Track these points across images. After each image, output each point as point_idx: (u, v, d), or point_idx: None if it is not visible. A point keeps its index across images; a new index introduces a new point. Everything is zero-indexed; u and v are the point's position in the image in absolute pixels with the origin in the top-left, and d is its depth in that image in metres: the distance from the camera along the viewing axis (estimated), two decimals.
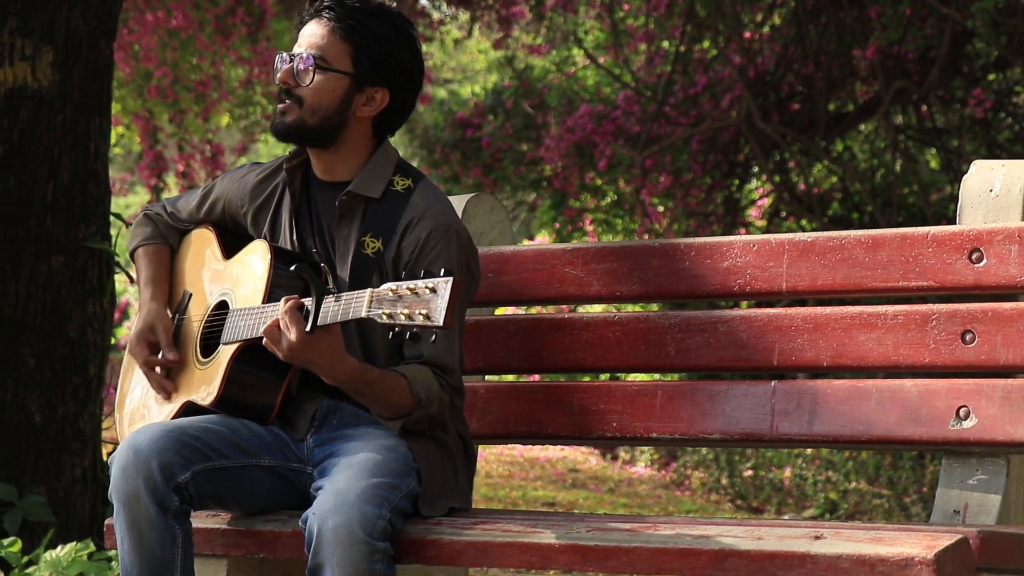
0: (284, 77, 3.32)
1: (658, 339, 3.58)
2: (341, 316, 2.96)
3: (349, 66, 3.31)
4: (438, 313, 2.80)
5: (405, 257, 3.27)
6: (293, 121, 3.31)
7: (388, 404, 3.19)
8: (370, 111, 3.35)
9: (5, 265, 4.80)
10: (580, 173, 12.52)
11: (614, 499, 9.62)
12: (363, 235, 3.29)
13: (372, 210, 3.32)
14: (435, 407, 3.22)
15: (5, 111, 4.79)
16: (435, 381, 3.22)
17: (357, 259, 3.28)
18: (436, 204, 3.33)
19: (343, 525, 2.95)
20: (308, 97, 3.30)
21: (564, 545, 2.98)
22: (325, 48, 3.31)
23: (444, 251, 3.25)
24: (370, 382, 3.15)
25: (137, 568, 3.10)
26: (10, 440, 4.81)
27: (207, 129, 13.17)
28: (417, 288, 2.83)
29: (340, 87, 3.31)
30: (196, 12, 11.66)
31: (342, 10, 3.32)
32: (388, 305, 2.86)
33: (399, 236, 3.28)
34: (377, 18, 3.33)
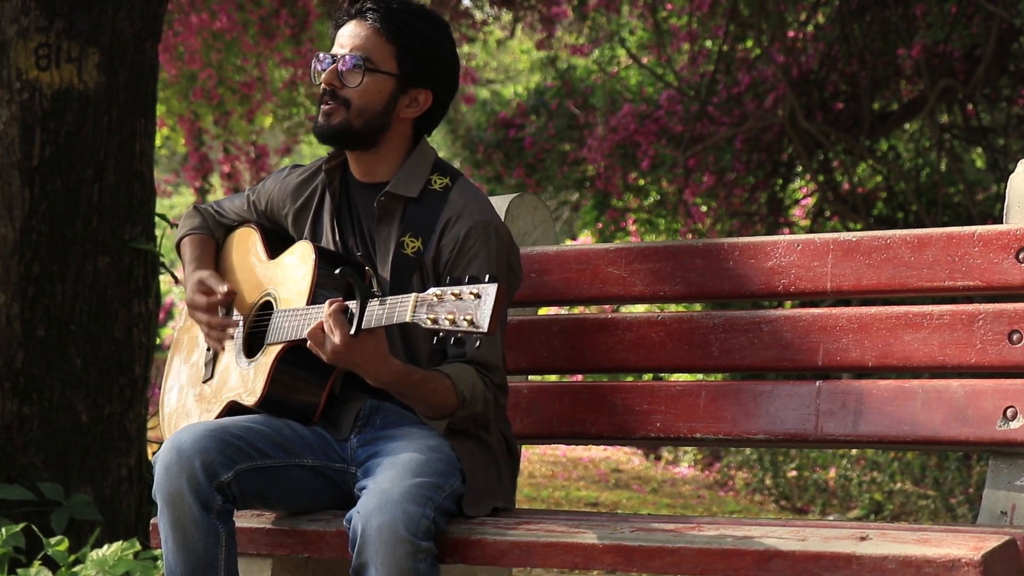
0: (330, 79, 3.31)
1: (702, 339, 3.57)
2: (385, 320, 2.95)
3: (395, 67, 3.31)
4: (483, 319, 2.79)
5: (444, 256, 3.26)
6: (339, 123, 3.31)
7: (433, 405, 3.19)
8: (413, 112, 3.35)
9: (52, 266, 4.83)
10: (623, 173, 12.51)
11: (657, 499, 9.60)
12: (402, 235, 3.29)
13: (411, 210, 3.32)
14: (480, 405, 3.22)
15: (51, 113, 4.82)
16: (479, 379, 3.22)
17: (397, 259, 3.28)
18: (474, 202, 3.32)
19: (387, 524, 2.95)
20: (355, 99, 3.30)
21: (608, 545, 2.98)
22: (371, 49, 3.30)
23: (483, 248, 3.25)
24: (414, 383, 3.15)
25: (181, 567, 3.11)
26: (57, 440, 4.84)
27: (251, 131, 13.21)
28: (462, 293, 2.83)
29: (386, 88, 3.31)
30: (240, 14, 11.71)
31: (386, 11, 3.31)
32: (432, 310, 2.86)
33: (438, 235, 3.28)
34: (420, 20, 3.33)
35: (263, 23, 11.78)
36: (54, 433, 4.84)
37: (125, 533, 4.91)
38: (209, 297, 3.41)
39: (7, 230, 4.78)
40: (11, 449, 4.79)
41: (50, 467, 4.83)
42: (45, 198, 4.82)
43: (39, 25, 4.79)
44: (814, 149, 11.33)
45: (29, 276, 4.80)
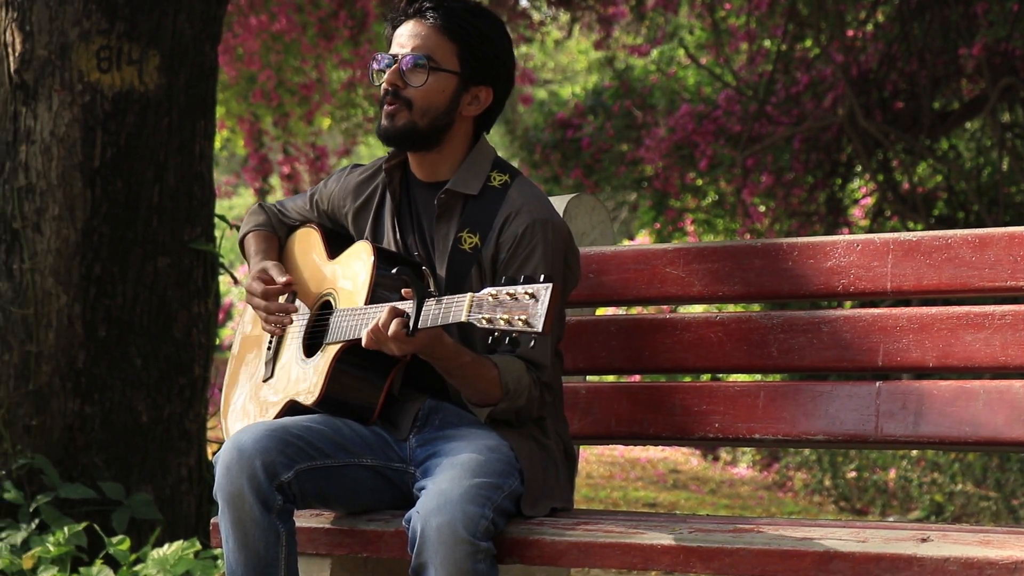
0: (392, 79, 3.31)
1: (760, 339, 3.56)
2: (441, 320, 2.96)
3: (456, 65, 3.31)
4: (537, 319, 2.79)
5: (503, 253, 3.26)
6: (404, 124, 3.31)
7: (477, 389, 3.19)
8: (475, 110, 3.35)
9: (113, 267, 4.86)
10: (681, 173, 12.48)
11: (715, 500, 9.57)
12: (460, 231, 3.29)
13: (470, 207, 3.32)
14: (523, 400, 3.21)
15: (112, 115, 4.86)
16: (527, 375, 3.22)
17: (454, 255, 3.28)
18: (533, 200, 3.32)
19: (446, 525, 2.95)
20: (418, 98, 3.29)
21: (667, 546, 2.97)
22: (433, 48, 3.30)
23: (541, 245, 3.25)
24: (463, 364, 3.15)
25: (242, 567, 3.12)
26: (118, 440, 4.87)
27: (310, 132, 13.26)
28: (517, 293, 2.83)
29: (449, 87, 3.31)
30: (299, 15, 11.75)
31: (446, 9, 3.30)
32: (487, 310, 2.86)
33: (496, 232, 3.28)
34: (479, 17, 3.33)
35: (322, 24, 11.83)
36: (115, 433, 4.87)
37: (185, 532, 4.94)
38: (267, 285, 3.42)
39: (69, 231, 4.82)
40: (73, 449, 4.83)
41: (111, 467, 4.86)
42: (106, 199, 4.85)
43: (100, 28, 4.83)
44: (873, 149, 11.26)
45: (90, 277, 4.84)
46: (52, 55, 4.82)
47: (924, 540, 2.81)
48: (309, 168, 13.20)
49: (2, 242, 4.82)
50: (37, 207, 4.81)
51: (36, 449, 4.78)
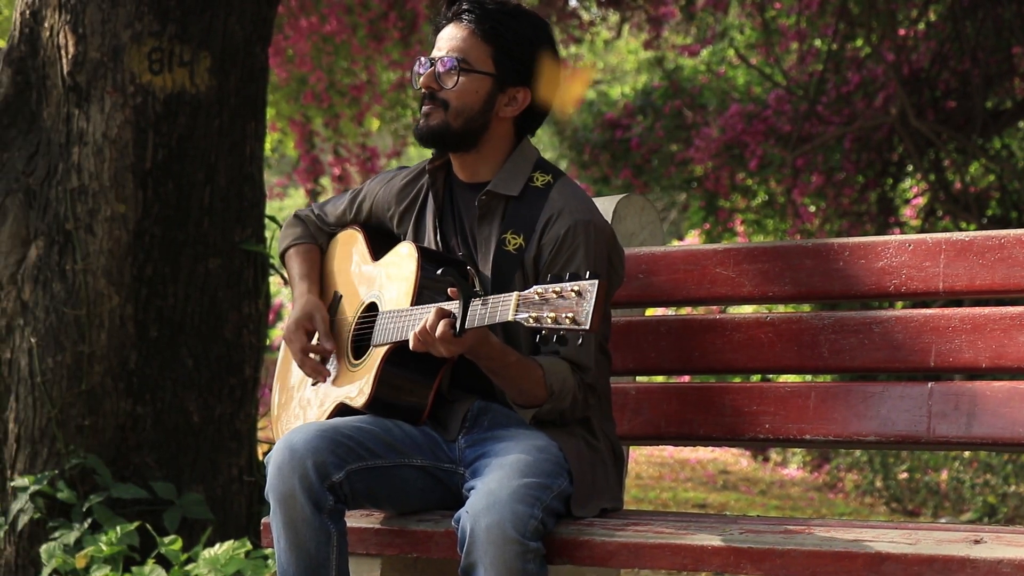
0: (427, 81, 3.33)
1: (811, 340, 3.54)
2: (488, 320, 2.96)
3: (491, 67, 3.32)
4: (584, 316, 2.79)
5: (545, 254, 3.26)
6: (438, 124, 3.33)
7: (521, 390, 3.19)
8: (512, 111, 3.36)
9: (164, 268, 4.89)
10: (730, 173, 12.45)
11: (766, 501, 9.54)
12: (504, 232, 3.30)
13: (512, 208, 3.33)
14: (567, 402, 3.22)
15: (164, 116, 4.88)
16: (571, 376, 3.22)
17: (499, 256, 3.28)
18: (575, 200, 3.32)
19: (496, 524, 2.95)
20: (452, 100, 3.31)
21: (717, 547, 2.96)
22: (467, 50, 3.31)
23: (583, 246, 3.24)
24: (508, 364, 3.15)
25: (293, 566, 3.13)
26: (169, 439, 4.90)
27: (360, 133, 13.30)
28: (563, 291, 2.83)
29: (483, 88, 3.32)
30: (349, 17, 11.79)
31: (481, 12, 3.32)
32: (534, 308, 2.86)
33: (539, 233, 3.28)
34: (516, 19, 3.33)
35: (372, 26, 11.86)
36: (167, 433, 4.90)
37: (236, 532, 4.96)
38: (308, 342, 3.44)
39: (121, 232, 4.84)
40: (125, 448, 4.86)
41: (163, 466, 4.88)
42: (158, 201, 4.88)
43: (152, 30, 4.86)
44: (925, 148, 11.20)
45: (142, 278, 4.87)
46: (104, 57, 4.85)
47: (977, 542, 2.79)
48: (360, 169, 13.23)
49: (55, 243, 4.86)
50: (89, 208, 4.85)
51: (89, 449, 4.81)
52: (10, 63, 5.00)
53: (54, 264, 4.85)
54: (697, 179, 13.13)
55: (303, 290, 3.55)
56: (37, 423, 4.84)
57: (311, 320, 3.47)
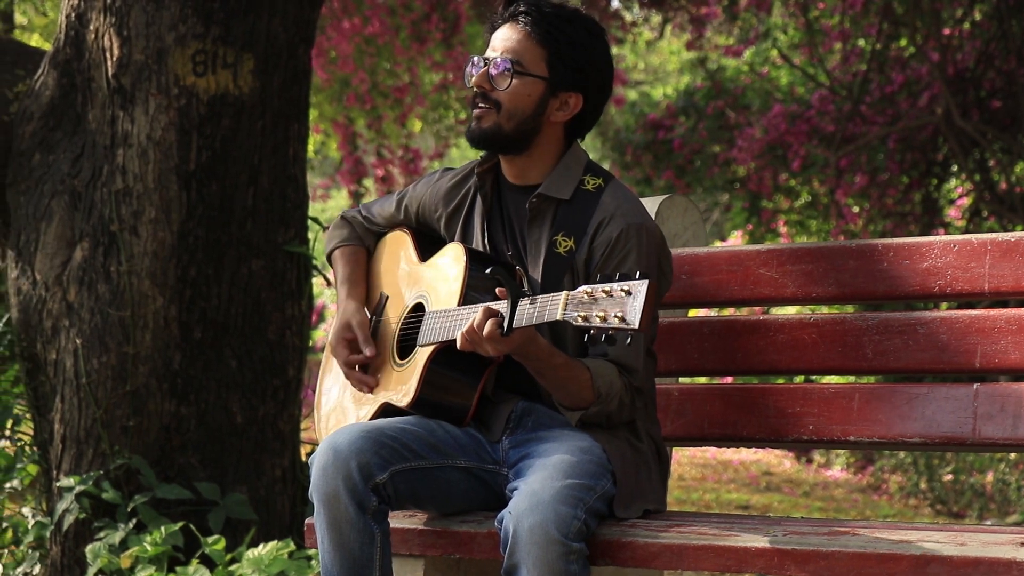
0: (480, 81, 3.33)
1: (855, 341, 3.53)
2: (536, 319, 2.96)
3: (545, 71, 3.31)
4: (633, 315, 2.78)
5: (596, 257, 3.26)
6: (490, 126, 3.32)
7: (568, 392, 3.19)
8: (564, 116, 3.35)
9: (208, 269, 4.90)
10: (773, 174, 12.41)
11: (809, 503, 9.50)
12: (555, 234, 3.29)
13: (563, 210, 3.32)
14: (614, 405, 3.21)
15: (208, 118, 4.90)
16: (619, 379, 3.21)
17: (549, 258, 3.28)
18: (627, 203, 3.32)
19: (539, 525, 2.95)
20: (505, 101, 3.31)
21: (761, 548, 2.95)
22: (521, 52, 3.31)
23: (635, 249, 3.24)
24: (555, 366, 3.15)
25: (337, 567, 3.14)
26: (213, 440, 4.91)
27: (403, 134, 13.32)
28: (612, 290, 2.82)
29: (536, 91, 3.31)
30: (392, 18, 11.81)
31: (538, 15, 3.31)
32: (583, 308, 2.86)
33: (590, 236, 3.28)
34: (572, 23, 3.32)
35: (414, 27, 11.88)
36: (210, 433, 4.91)
37: (279, 533, 4.97)
38: (351, 354, 3.46)
39: (165, 234, 4.86)
40: (169, 449, 4.88)
41: (207, 467, 4.90)
42: (201, 202, 4.90)
43: (196, 32, 4.87)
44: (970, 148, 11.14)
45: (186, 279, 4.89)
46: (149, 59, 4.87)
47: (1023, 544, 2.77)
48: (403, 171, 13.26)
49: (100, 245, 4.88)
50: (134, 210, 4.87)
51: (133, 450, 4.83)
52: (56, 66, 5.03)
53: (99, 265, 4.88)
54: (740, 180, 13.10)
55: (344, 295, 3.56)
56: (82, 424, 4.86)
57: (350, 329, 3.48)
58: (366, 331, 3.47)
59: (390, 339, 3.46)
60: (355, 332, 3.47)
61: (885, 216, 11.90)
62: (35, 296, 4.96)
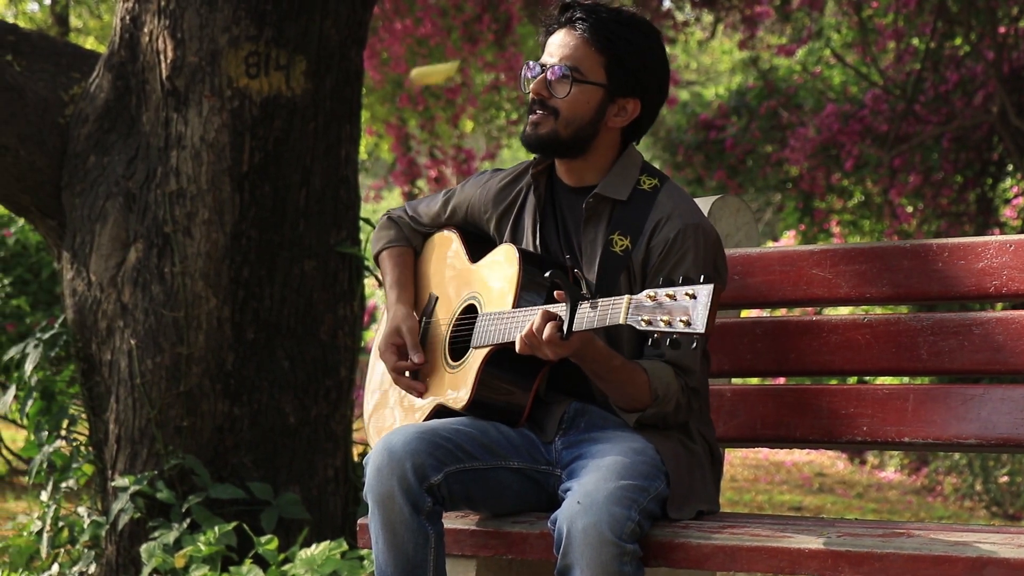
0: (538, 88, 3.31)
1: (909, 342, 3.51)
2: (598, 323, 2.95)
3: (603, 77, 3.29)
4: (699, 320, 2.77)
5: (653, 258, 3.25)
6: (547, 133, 3.31)
7: (625, 394, 3.18)
8: (621, 121, 3.34)
9: (260, 270, 4.92)
10: (826, 174, 12.35)
11: (863, 504, 9.45)
12: (611, 233, 3.28)
13: (619, 211, 3.32)
14: (671, 407, 3.20)
15: (260, 120, 4.92)
16: (675, 381, 3.20)
17: (605, 257, 3.27)
18: (683, 204, 3.31)
19: (592, 526, 2.95)
20: (563, 109, 3.29)
21: (815, 550, 2.94)
22: (579, 59, 3.29)
23: (692, 250, 3.23)
24: (613, 368, 3.15)
25: (391, 567, 3.14)
26: (266, 440, 4.93)
27: (455, 135, 13.34)
28: (676, 294, 2.81)
29: (595, 99, 3.30)
30: (444, 19, 11.83)
31: (595, 20, 3.29)
32: (647, 312, 2.84)
33: (647, 237, 3.27)
34: (630, 28, 3.30)
35: (466, 28, 11.89)
36: (263, 434, 4.93)
37: (332, 533, 4.99)
38: (400, 360, 3.46)
39: (218, 235, 4.89)
40: (222, 449, 4.90)
41: (260, 467, 4.92)
42: (254, 203, 4.92)
43: (249, 34, 4.89)
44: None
45: (239, 280, 4.91)
46: (202, 62, 4.90)
47: None
48: (455, 171, 13.27)
49: (154, 246, 4.91)
50: (187, 211, 4.89)
51: (187, 450, 4.86)
52: (111, 68, 5.06)
53: (153, 267, 4.90)
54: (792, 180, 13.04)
55: (392, 299, 3.56)
56: (137, 424, 4.89)
57: (399, 334, 3.48)
58: (415, 337, 3.47)
59: (441, 341, 3.46)
60: (404, 338, 3.47)
61: (939, 216, 11.82)
62: (90, 297, 5.00)
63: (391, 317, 3.53)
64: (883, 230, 12.36)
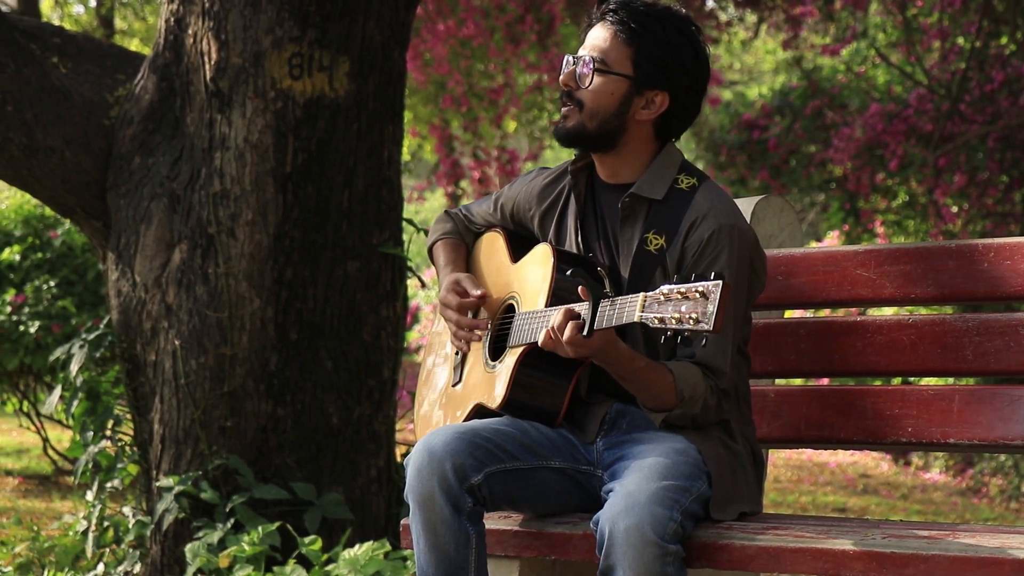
0: (566, 80, 3.33)
1: (955, 342, 3.49)
2: (615, 320, 2.96)
3: (629, 69, 3.30)
4: (708, 318, 2.78)
5: (688, 257, 3.24)
6: (574, 125, 3.32)
7: (651, 395, 3.18)
8: (649, 114, 3.34)
9: (304, 270, 4.94)
10: (870, 174, 12.30)
11: (907, 506, 9.41)
12: (646, 232, 3.28)
13: (655, 210, 3.31)
14: (698, 408, 3.19)
15: (304, 121, 4.93)
16: (703, 382, 3.19)
17: (639, 256, 3.27)
18: (720, 203, 3.30)
19: (634, 527, 2.95)
20: (587, 100, 3.30)
21: (859, 552, 2.93)
22: (607, 51, 3.30)
23: (726, 250, 3.22)
24: (636, 370, 3.14)
25: (433, 568, 3.15)
26: (309, 441, 4.94)
27: (498, 135, 13.35)
28: (688, 292, 2.82)
29: (619, 90, 3.30)
30: (486, 20, 11.84)
31: (625, 13, 3.30)
32: (659, 308, 2.85)
33: (683, 236, 3.26)
34: (661, 21, 3.31)
35: (509, 29, 11.90)
36: (306, 434, 4.94)
37: (375, 533, 4.99)
38: (462, 298, 3.46)
39: (261, 236, 4.90)
40: (266, 449, 4.92)
41: (303, 467, 4.93)
42: (297, 204, 4.93)
43: (292, 35, 4.91)
44: None
45: (282, 281, 4.92)
46: (246, 63, 4.92)
47: None
48: (499, 172, 13.28)
49: (198, 247, 4.93)
50: (231, 212, 4.91)
51: (231, 450, 4.87)
52: (155, 70, 5.09)
53: (197, 267, 4.93)
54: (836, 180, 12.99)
55: (448, 271, 3.57)
56: (181, 424, 4.91)
57: (459, 284, 3.48)
58: (475, 282, 3.47)
59: (483, 340, 3.47)
60: (464, 284, 3.48)
61: (985, 216, 11.75)
62: (135, 298, 5.02)
63: (451, 272, 3.54)
64: (928, 230, 12.30)
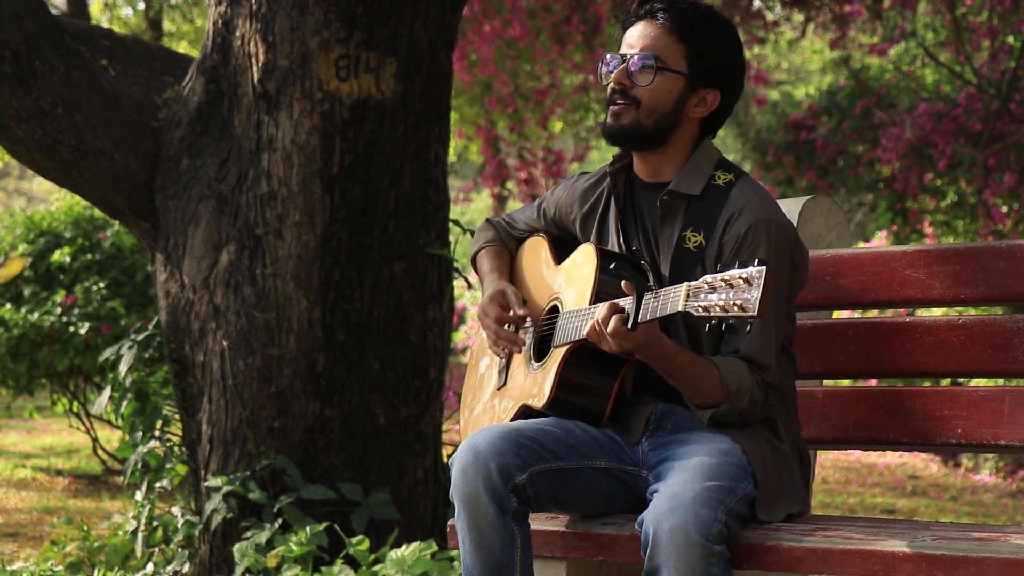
0: (619, 78, 3.32)
1: (1005, 343, 3.46)
2: (660, 312, 2.96)
3: (685, 67, 3.30)
4: (753, 303, 2.77)
5: (726, 252, 3.24)
6: (629, 123, 3.32)
7: (698, 390, 3.17)
8: (701, 112, 3.34)
9: (351, 271, 4.95)
10: (919, 174, 12.23)
11: (957, 507, 9.35)
12: (684, 229, 3.28)
13: (693, 206, 3.31)
14: (745, 402, 3.18)
15: (351, 122, 4.94)
16: (749, 376, 3.18)
17: (678, 253, 3.27)
18: (756, 198, 3.29)
19: (679, 527, 2.94)
20: (645, 98, 3.30)
21: (909, 554, 2.91)
22: (661, 49, 3.30)
23: (764, 244, 3.21)
24: (681, 365, 3.14)
25: (478, 568, 3.15)
26: (356, 441, 4.95)
27: (544, 136, 13.34)
28: (731, 279, 2.82)
29: (676, 88, 3.30)
30: (532, 21, 11.84)
31: (676, 11, 3.30)
32: (703, 298, 2.86)
33: (720, 232, 3.26)
34: (709, 20, 3.32)
35: (555, 29, 11.89)
36: (353, 435, 4.96)
37: (422, 534, 5.00)
38: (503, 311, 3.46)
39: (309, 237, 4.92)
40: (313, 450, 4.93)
41: (350, 468, 4.94)
42: (344, 205, 4.94)
43: (339, 37, 4.92)
44: None
45: (329, 282, 4.93)
46: (293, 65, 4.93)
47: None
48: (545, 173, 13.27)
49: (245, 248, 4.95)
50: (279, 213, 4.93)
51: (278, 450, 4.89)
52: (203, 72, 5.11)
53: (244, 268, 4.94)
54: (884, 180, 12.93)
55: (493, 279, 3.58)
56: (229, 424, 4.93)
57: (503, 295, 3.49)
58: (519, 298, 3.48)
59: (528, 342, 3.47)
60: (508, 298, 3.48)
61: None
62: (183, 299, 5.04)
63: (495, 282, 3.54)
64: (977, 230, 12.22)
